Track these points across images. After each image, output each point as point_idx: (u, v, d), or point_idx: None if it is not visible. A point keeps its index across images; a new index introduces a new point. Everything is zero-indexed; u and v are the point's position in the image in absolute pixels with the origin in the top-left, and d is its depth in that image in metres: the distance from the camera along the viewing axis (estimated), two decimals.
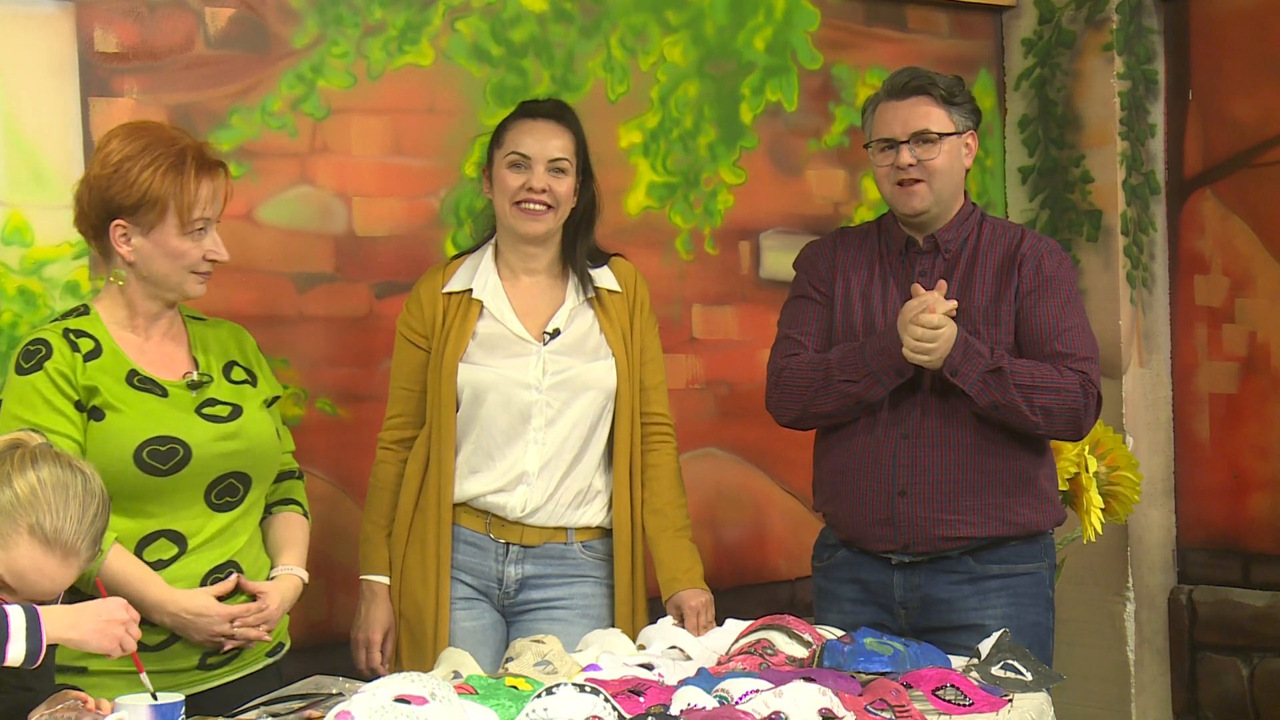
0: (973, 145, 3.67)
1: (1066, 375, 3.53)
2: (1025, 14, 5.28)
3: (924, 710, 2.91)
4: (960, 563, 3.60)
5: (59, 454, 2.71)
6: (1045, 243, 3.67)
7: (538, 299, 3.65)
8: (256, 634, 3.11)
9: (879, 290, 3.68)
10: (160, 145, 3.08)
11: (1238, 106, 5.06)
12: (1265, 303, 5.04)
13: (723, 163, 4.69)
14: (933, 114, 3.61)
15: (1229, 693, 5.09)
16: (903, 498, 3.58)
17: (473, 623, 3.61)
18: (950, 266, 3.64)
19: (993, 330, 3.57)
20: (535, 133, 3.58)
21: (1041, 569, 3.66)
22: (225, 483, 3.13)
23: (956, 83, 3.67)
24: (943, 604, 3.60)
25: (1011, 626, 3.48)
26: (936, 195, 3.62)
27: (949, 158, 3.61)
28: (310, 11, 3.97)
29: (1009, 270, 3.60)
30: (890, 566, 3.63)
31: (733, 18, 4.70)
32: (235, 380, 3.23)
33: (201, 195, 3.08)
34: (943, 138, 3.60)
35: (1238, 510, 5.12)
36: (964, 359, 3.47)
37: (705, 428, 4.60)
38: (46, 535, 2.61)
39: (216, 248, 3.13)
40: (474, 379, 3.57)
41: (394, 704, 2.53)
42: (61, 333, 3.08)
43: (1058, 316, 3.58)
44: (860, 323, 3.66)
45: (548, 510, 3.60)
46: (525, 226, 3.59)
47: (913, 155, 3.59)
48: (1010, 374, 3.48)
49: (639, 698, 2.85)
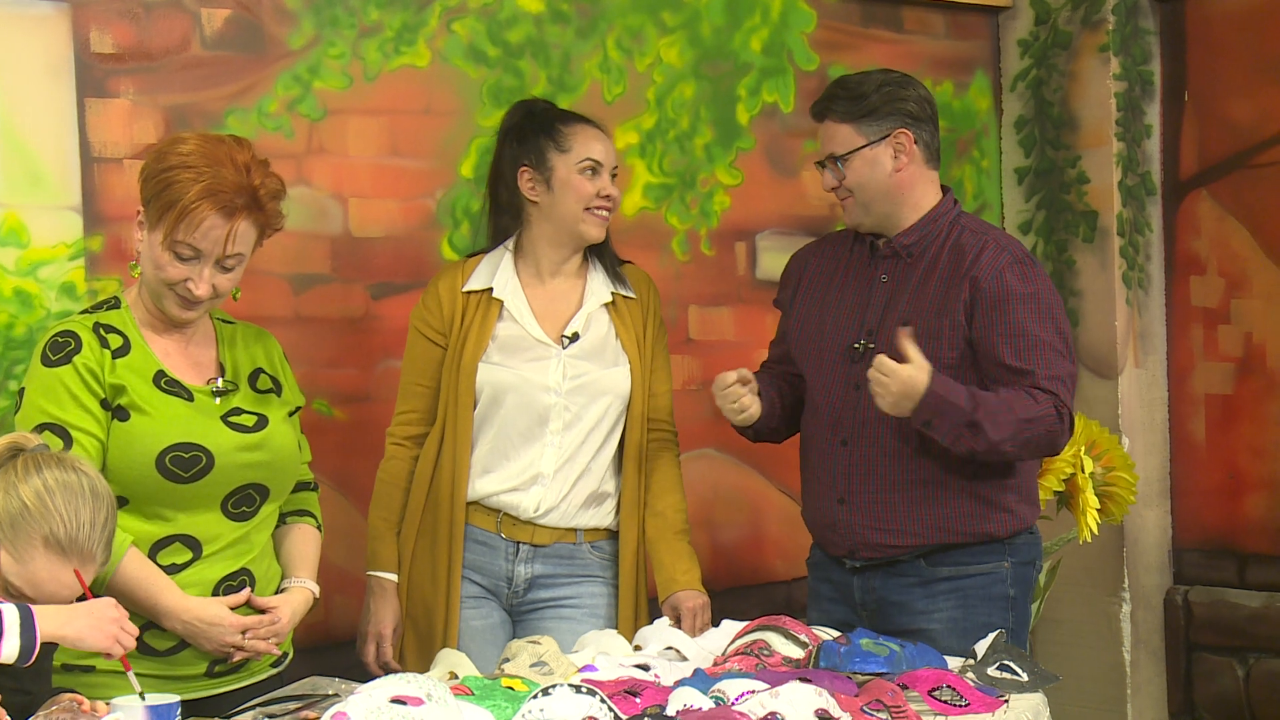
0: (905, 143, 3.55)
1: (1041, 401, 3.42)
2: (1021, 15, 5.28)
3: (920, 711, 2.91)
4: (913, 565, 3.57)
5: (60, 457, 2.70)
6: (1010, 253, 3.53)
7: (556, 302, 3.66)
8: (266, 646, 3.09)
9: (835, 295, 3.66)
10: (218, 166, 3.01)
11: (1234, 108, 5.07)
12: (1261, 304, 5.04)
13: (719, 164, 4.70)
14: (837, 134, 3.57)
15: (1225, 693, 5.09)
16: (841, 505, 3.58)
17: (481, 622, 3.61)
18: (909, 272, 3.58)
19: (933, 345, 3.46)
20: (602, 140, 3.66)
21: (1000, 569, 3.57)
22: (243, 493, 3.11)
23: (874, 80, 3.58)
24: (895, 606, 3.59)
25: (957, 629, 3.47)
26: (865, 208, 3.58)
27: (861, 172, 3.55)
28: (306, 13, 3.97)
29: (959, 283, 3.50)
30: (847, 570, 3.65)
31: (729, 19, 4.70)
32: (261, 389, 3.20)
33: (204, 224, 2.99)
34: (849, 156, 3.55)
35: (1233, 511, 5.13)
36: (937, 412, 3.37)
37: (702, 429, 4.60)
38: (62, 544, 2.61)
39: (197, 282, 3.03)
40: (494, 380, 3.58)
41: (390, 705, 2.53)
42: (92, 327, 3.05)
43: (1018, 333, 3.46)
44: (815, 333, 3.66)
45: (560, 511, 3.61)
46: (595, 231, 3.64)
47: (832, 176, 3.60)
48: (986, 425, 3.37)
49: (635, 698, 2.85)
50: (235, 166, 3.02)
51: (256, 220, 3.06)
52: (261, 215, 3.06)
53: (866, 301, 3.61)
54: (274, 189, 3.09)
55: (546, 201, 3.63)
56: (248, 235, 3.05)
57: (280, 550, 3.25)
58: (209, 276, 3.03)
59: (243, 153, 3.06)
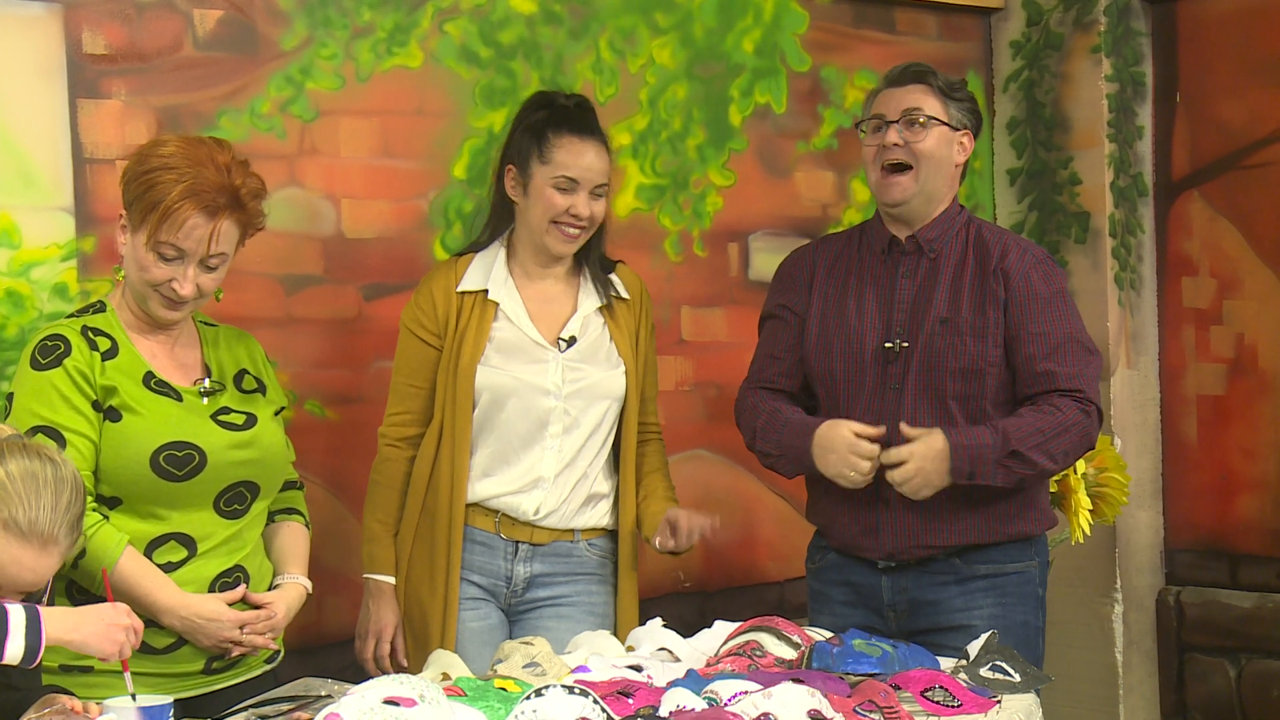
0: (967, 145, 3.62)
1: (1067, 409, 3.47)
2: (1013, 16, 5.29)
3: (913, 712, 2.91)
4: (947, 564, 3.59)
5: (26, 445, 2.69)
6: (1032, 254, 3.60)
7: (551, 303, 3.65)
8: (263, 641, 3.13)
9: (854, 299, 3.64)
10: (200, 167, 3.04)
11: (1225, 109, 5.07)
12: (1253, 304, 5.04)
13: (711, 165, 4.70)
14: (927, 100, 3.57)
15: (1217, 694, 5.10)
16: (887, 506, 3.57)
17: (479, 623, 3.61)
18: (933, 269, 3.60)
19: (979, 343, 3.52)
20: (585, 155, 3.56)
21: (1031, 568, 3.63)
22: (235, 491, 3.13)
23: (960, 82, 3.66)
24: (930, 605, 3.60)
25: (999, 626, 3.48)
26: (921, 185, 3.56)
27: (938, 144, 3.56)
28: (299, 13, 3.97)
29: (994, 281, 3.54)
30: (877, 571, 3.64)
31: (721, 20, 4.70)
32: (246, 390, 3.23)
33: (187, 224, 3.02)
34: (932, 122, 3.55)
35: (1225, 512, 5.13)
36: (973, 461, 3.42)
37: (694, 429, 4.60)
38: (21, 528, 2.60)
39: (182, 282, 3.06)
40: (493, 383, 3.56)
41: (383, 706, 2.53)
42: (80, 330, 3.07)
43: (1046, 334, 3.52)
44: (835, 336, 3.64)
45: (560, 513, 3.61)
46: (559, 247, 3.59)
47: (900, 136, 3.55)
48: (1026, 451, 3.43)
49: (628, 699, 2.85)
50: (216, 167, 3.06)
51: (239, 219, 3.10)
52: (243, 214, 3.10)
53: (891, 300, 3.60)
54: (255, 188, 3.13)
55: (523, 205, 3.62)
56: (230, 234, 3.09)
57: (270, 548, 3.28)
58: (193, 276, 3.07)
59: (223, 153, 3.11)
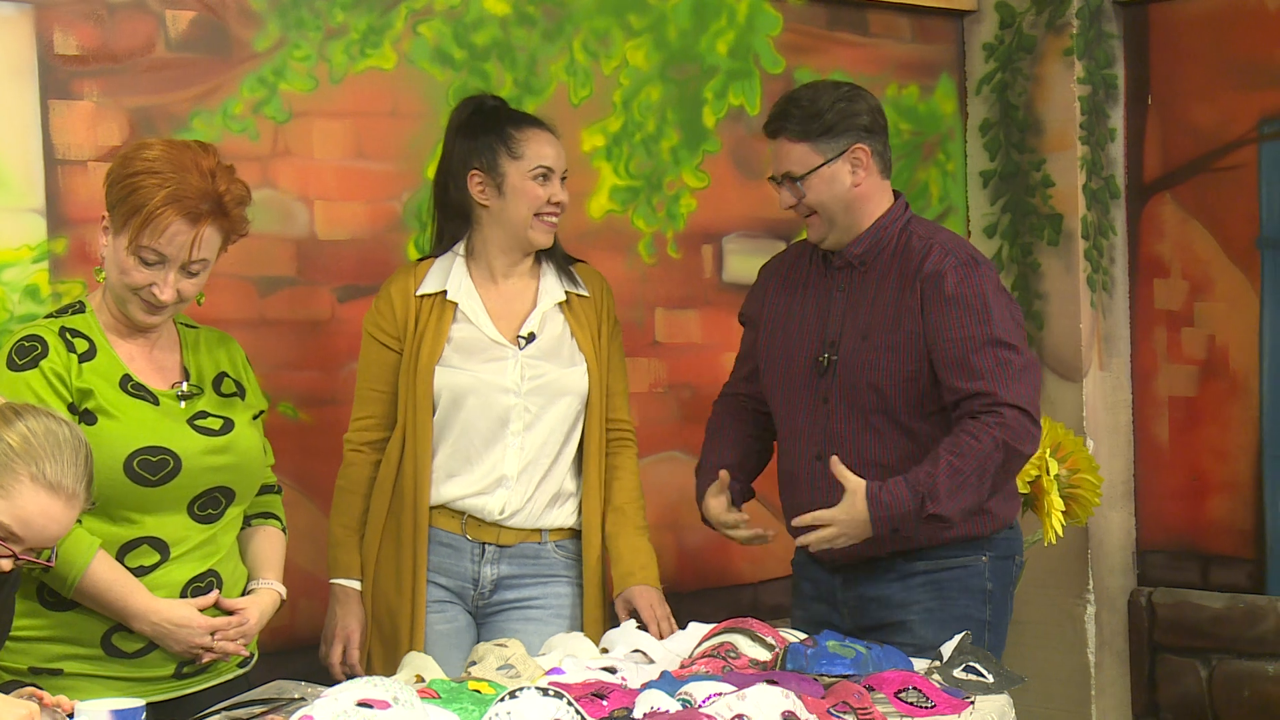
0: (863, 158, 3.54)
1: (983, 435, 3.38)
2: (986, 19, 5.30)
3: (886, 713, 2.92)
4: (890, 563, 3.59)
5: (38, 408, 2.70)
6: (953, 256, 3.50)
7: (511, 302, 3.65)
8: (234, 647, 3.11)
9: (799, 311, 3.67)
10: (184, 172, 3.02)
11: (1197, 111, 5.09)
12: (1224, 306, 5.07)
13: (685, 166, 4.70)
14: (793, 153, 3.55)
15: (1188, 694, 5.12)
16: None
17: (446, 625, 3.61)
18: (864, 282, 3.58)
19: (892, 358, 3.48)
20: (553, 144, 3.63)
21: (978, 563, 3.58)
22: (210, 495, 3.11)
23: (829, 104, 3.53)
24: (874, 601, 3.61)
25: (935, 619, 3.49)
26: (829, 223, 3.57)
27: (821, 190, 3.54)
28: (272, 14, 3.96)
29: (910, 293, 3.49)
30: (827, 569, 3.66)
31: (695, 22, 4.70)
32: (225, 393, 3.21)
33: (169, 230, 3.00)
34: (808, 176, 3.54)
35: (1197, 513, 5.15)
36: (894, 522, 3.38)
37: (668, 431, 4.60)
38: (50, 481, 2.61)
39: (162, 287, 3.04)
40: (452, 383, 3.57)
41: (356, 708, 2.53)
42: (58, 331, 3.06)
43: (959, 339, 3.44)
44: (780, 348, 3.67)
45: (525, 512, 3.61)
46: (543, 238, 3.62)
47: (790, 195, 3.58)
48: (946, 504, 3.36)
49: (602, 701, 2.85)
50: (200, 172, 3.03)
51: (221, 226, 3.07)
52: (226, 221, 3.07)
53: (826, 313, 3.62)
54: (239, 195, 3.10)
55: (496, 206, 3.62)
56: (213, 241, 3.06)
57: (246, 552, 3.26)
58: (174, 281, 3.04)
59: (208, 159, 3.07)
